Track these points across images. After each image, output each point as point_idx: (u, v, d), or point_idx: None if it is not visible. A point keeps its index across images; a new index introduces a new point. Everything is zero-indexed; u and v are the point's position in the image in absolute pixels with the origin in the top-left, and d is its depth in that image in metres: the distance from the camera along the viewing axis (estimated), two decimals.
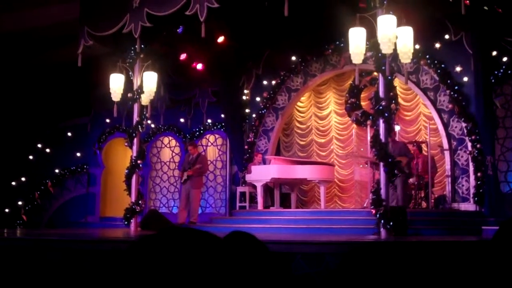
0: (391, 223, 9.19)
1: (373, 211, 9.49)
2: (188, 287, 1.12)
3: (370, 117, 10.03)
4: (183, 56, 15.16)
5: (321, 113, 16.77)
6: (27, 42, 15.43)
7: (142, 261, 1.16)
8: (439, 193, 13.65)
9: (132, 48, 12.46)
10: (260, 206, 14.25)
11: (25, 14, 14.52)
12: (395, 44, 9.47)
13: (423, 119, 14.73)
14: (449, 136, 13.40)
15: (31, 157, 18.16)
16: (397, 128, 13.11)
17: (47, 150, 18.28)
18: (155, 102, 13.85)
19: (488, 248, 2.16)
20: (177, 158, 17.49)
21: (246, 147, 15.93)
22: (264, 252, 1.20)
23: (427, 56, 13.54)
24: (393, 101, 9.62)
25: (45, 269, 8.08)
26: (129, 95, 12.47)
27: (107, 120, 17.36)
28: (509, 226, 2.21)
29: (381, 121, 9.60)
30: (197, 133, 17.00)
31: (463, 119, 13.04)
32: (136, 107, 12.52)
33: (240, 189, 15.40)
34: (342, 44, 14.04)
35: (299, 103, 16.79)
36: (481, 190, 12.04)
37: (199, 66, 15.47)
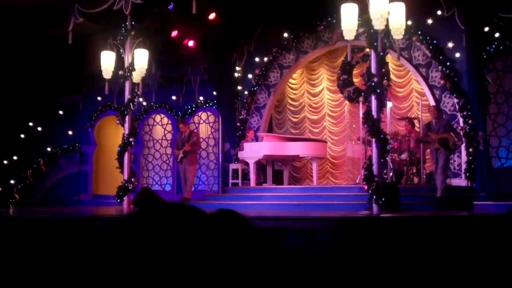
0: (383, 199, 9.24)
1: (365, 187, 9.54)
2: (173, 264, 1.12)
3: (362, 93, 10.04)
4: (174, 33, 15.06)
5: (314, 90, 16.75)
6: (18, 19, 15.29)
7: (126, 239, 1.16)
8: (431, 168, 13.70)
9: (123, 25, 12.38)
10: (252, 183, 14.29)
11: None
12: (387, 20, 9.45)
13: (415, 96, 14.74)
14: (441, 112, 13.43)
15: (22, 135, 18.10)
16: (389, 104, 13.10)
17: (39, 128, 18.22)
18: (147, 79, 13.77)
19: (498, 224, 2.15)
20: (169, 136, 17.47)
21: (238, 124, 15.92)
22: (251, 230, 1.20)
23: (419, 32, 13.52)
24: (385, 78, 9.62)
25: (37, 247, 8.10)
26: (120, 72, 12.41)
27: (99, 98, 17.29)
28: None
29: (373, 97, 9.62)
30: (189, 110, 16.96)
31: (455, 95, 13.06)
32: (127, 85, 12.47)
33: (232, 166, 15.43)
34: (334, 21, 13.97)
35: (291, 80, 16.76)
36: (472, 166, 12.09)
37: (191, 43, 15.39)
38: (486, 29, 12.70)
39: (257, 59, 16.13)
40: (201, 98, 16.73)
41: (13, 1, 14.48)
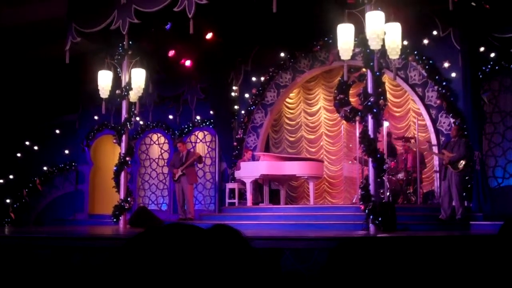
0: (379, 219, 9.22)
1: (362, 207, 9.52)
2: (176, 283, 1.12)
3: (359, 113, 10.06)
4: (171, 53, 15.11)
5: (311, 109, 16.76)
6: (16, 38, 15.33)
7: (131, 261, 1.16)
8: (428, 188, 13.70)
9: (120, 44, 12.42)
10: (249, 202, 14.25)
11: (14, 10, 14.43)
12: (384, 40, 9.50)
13: (412, 115, 14.76)
14: (437, 132, 13.46)
15: (19, 154, 18.06)
16: (385, 124, 13.13)
17: (35, 147, 18.18)
18: (144, 99, 13.81)
19: (491, 244, 2.16)
20: (166, 155, 17.46)
21: (235, 143, 15.92)
22: (246, 246, 1.20)
23: (415, 52, 13.58)
24: (382, 97, 9.65)
25: (34, 267, 8.04)
26: (117, 92, 12.45)
27: (96, 117, 17.28)
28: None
29: (369, 117, 9.63)
30: (186, 129, 16.96)
31: (451, 114, 13.09)
32: (124, 104, 12.49)
33: (229, 185, 15.39)
34: (330, 41, 14.03)
35: (288, 100, 16.78)
36: (469, 186, 12.09)
37: (188, 63, 15.44)
38: (482, 49, 12.76)
39: (254, 79, 16.17)
40: (198, 117, 16.74)
41: (10, 20, 14.53)
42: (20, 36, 15.27)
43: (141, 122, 17.00)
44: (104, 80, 12.28)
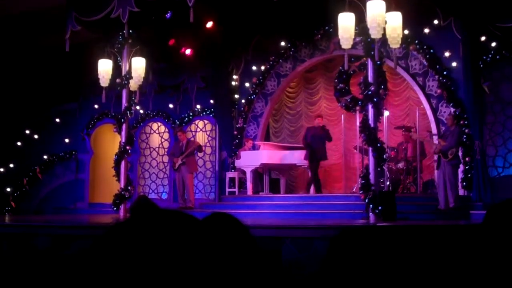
0: (379, 208, 9.24)
1: (362, 196, 9.54)
2: (163, 271, 1.11)
3: (359, 102, 10.05)
4: (171, 42, 15.08)
5: (311, 98, 16.75)
6: (16, 27, 15.30)
7: (115, 247, 1.15)
8: (428, 177, 13.71)
9: (120, 33, 12.39)
10: (249, 191, 14.28)
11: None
12: (384, 29, 9.47)
13: (412, 104, 14.74)
14: (437, 121, 13.44)
15: (19, 143, 18.05)
16: (386, 113, 13.11)
17: (35, 136, 18.18)
18: (144, 87, 13.79)
19: (476, 233, 2.18)
20: (166, 144, 17.45)
21: (235, 132, 15.91)
22: (246, 234, 1.20)
23: (416, 41, 13.53)
24: (382, 87, 9.64)
25: (33, 255, 8.06)
26: (117, 80, 12.43)
27: (96, 106, 17.28)
28: (496, 211, 2.23)
29: (370, 106, 9.63)
30: (186, 118, 16.94)
31: (451, 104, 13.07)
32: (124, 93, 12.48)
33: (229, 174, 15.40)
34: (331, 29, 13.98)
35: (288, 89, 16.76)
36: (469, 175, 12.09)
37: (188, 52, 15.41)
38: (483, 38, 12.72)
39: (254, 68, 16.14)
40: (198, 106, 16.71)
41: (10, 9, 14.49)
42: (20, 24, 15.24)
43: (141, 111, 16.98)
44: (104, 68, 12.26)
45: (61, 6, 12.75)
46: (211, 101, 16.21)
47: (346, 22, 9.73)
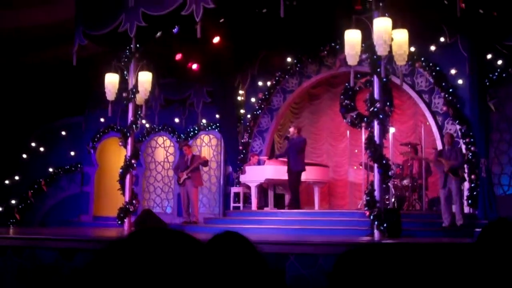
0: (384, 225, 9.21)
1: (367, 213, 9.51)
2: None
3: (365, 119, 10.05)
4: (178, 56, 15.13)
5: (315, 114, 16.74)
6: (24, 40, 15.38)
7: (113, 264, 1.16)
8: (433, 195, 13.66)
9: (127, 47, 12.45)
10: (254, 206, 14.25)
11: (22, 12, 14.50)
12: (391, 46, 9.50)
13: (417, 121, 14.73)
14: (443, 138, 13.41)
15: (24, 155, 18.10)
16: (391, 130, 13.11)
17: (41, 148, 18.22)
18: (150, 101, 13.83)
19: (472, 251, 2.18)
20: (171, 158, 17.46)
21: (240, 147, 15.92)
22: (254, 253, 1.20)
23: (422, 59, 13.55)
24: (388, 103, 9.65)
25: (38, 268, 8.06)
26: (124, 94, 12.47)
27: (102, 119, 17.32)
28: (489, 230, 2.24)
29: (375, 123, 9.63)
30: (192, 133, 16.97)
31: (457, 121, 13.06)
32: (130, 107, 12.51)
33: (234, 189, 15.38)
34: (337, 46, 14.03)
35: (293, 104, 16.77)
36: (474, 193, 12.05)
37: (195, 66, 15.46)
38: (489, 56, 12.74)
39: (260, 83, 16.18)
40: (203, 121, 16.74)
41: (19, 22, 14.59)
42: (28, 38, 15.32)
43: (147, 125, 17.02)
44: (111, 82, 12.31)
45: (69, 20, 12.83)
46: (217, 116, 16.23)
47: (352, 38, 9.76)
